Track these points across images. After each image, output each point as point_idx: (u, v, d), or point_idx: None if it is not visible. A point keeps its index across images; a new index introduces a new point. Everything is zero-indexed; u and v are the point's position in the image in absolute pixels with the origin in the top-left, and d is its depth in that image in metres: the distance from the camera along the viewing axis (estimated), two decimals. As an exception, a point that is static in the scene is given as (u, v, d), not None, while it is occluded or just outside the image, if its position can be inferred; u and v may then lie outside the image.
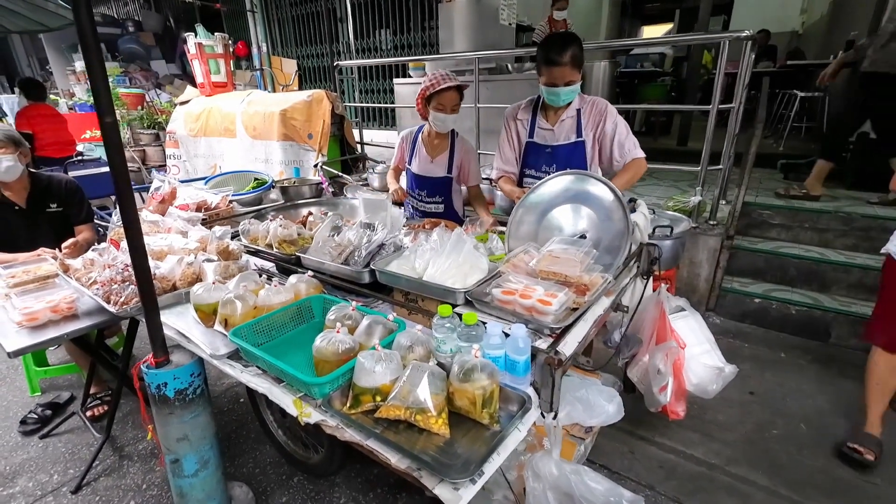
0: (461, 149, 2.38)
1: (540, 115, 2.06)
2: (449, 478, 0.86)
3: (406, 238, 1.72)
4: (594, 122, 1.97)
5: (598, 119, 1.95)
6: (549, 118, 2.04)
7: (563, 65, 1.79)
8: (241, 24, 8.50)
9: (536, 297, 1.19)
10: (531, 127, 2.08)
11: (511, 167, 2.18)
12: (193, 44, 4.85)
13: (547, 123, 2.04)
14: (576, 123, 1.99)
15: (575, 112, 1.98)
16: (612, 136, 1.93)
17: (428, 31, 6.15)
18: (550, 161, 2.04)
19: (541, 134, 2.06)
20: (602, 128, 1.95)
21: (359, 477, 1.99)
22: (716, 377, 1.69)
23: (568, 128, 2.00)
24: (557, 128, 2.01)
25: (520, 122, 2.12)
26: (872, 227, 3.16)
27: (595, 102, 1.98)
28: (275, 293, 1.45)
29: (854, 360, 2.77)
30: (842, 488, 1.90)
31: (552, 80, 1.84)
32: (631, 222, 1.55)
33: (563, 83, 1.84)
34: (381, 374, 1.05)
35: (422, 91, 2.20)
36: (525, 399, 1.05)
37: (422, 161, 2.43)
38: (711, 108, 2.76)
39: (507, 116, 2.16)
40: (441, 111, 2.18)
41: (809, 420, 2.28)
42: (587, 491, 1.05)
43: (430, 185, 2.44)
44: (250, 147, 4.54)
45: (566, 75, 1.82)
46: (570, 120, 1.99)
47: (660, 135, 6.73)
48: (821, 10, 7.55)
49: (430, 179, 2.42)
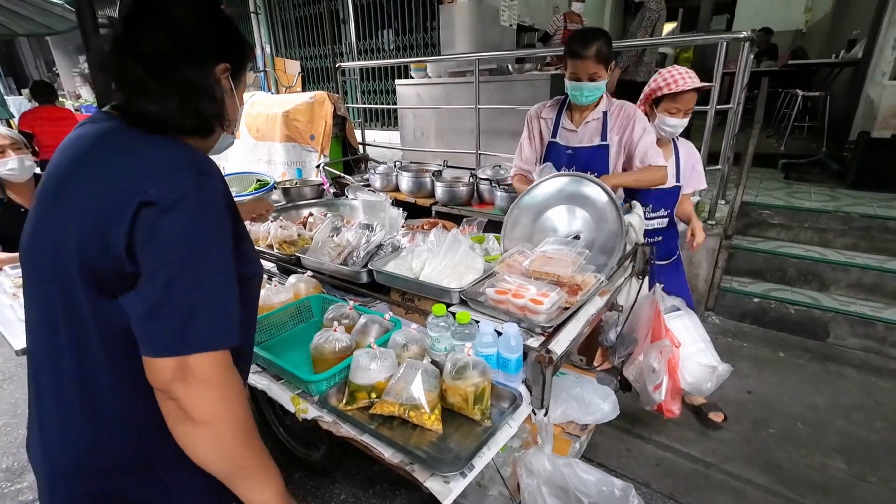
0: (686, 153, 2.13)
1: (565, 115, 1.99)
2: (440, 471, 0.89)
3: (404, 238, 1.75)
4: (621, 125, 1.90)
5: (626, 123, 1.89)
6: (574, 119, 1.97)
7: (586, 58, 1.74)
8: (246, 26, 8.57)
9: (529, 297, 1.22)
10: (555, 126, 2.01)
11: (529, 166, 2.10)
12: (197, 46, 4.90)
13: (571, 124, 1.97)
14: (601, 126, 1.92)
15: (601, 114, 1.92)
16: (638, 143, 1.87)
17: (430, 32, 6.18)
18: (571, 163, 1.97)
19: (564, 135, 2.00)
20: (630, 133, 1.88)
21: (359, 474, 2.02)
22: (710, 376, 1.71)
23: (592, 130, 1.94)
24: (581, 129, 1.94)
25: (543, 120, 2.06)
26: (872, 226, 3.16)
27: (623, 106, 1.92)
28: (275, 293, 1.49)
29: (852, 359, 2.78)
30: (837, 486, 1.91)
31: (576, 72, 1.79)
32: (625, 223, 1.58)
33: (587, 77, 1.78)
34: (377, 372, 1.08)
35: (651, 91, 1.99)
36: (516, 396, 1.08)
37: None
38: (709, 108, 2.77)
39: (531, 115, 2.08)
40: (674, 115, 1.95)
41: (806, 419, 2.30)
42: (580, 483, 1.08)
43: (655, 198, 2.12)
44: (254, 148, 4.59)
45: (590, 68, 1.76)
46: (596, 122, 1.92)
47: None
48: (824, 9, 7.51)
49: (655, 191, 2.07)
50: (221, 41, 0.77)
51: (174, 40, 0.70)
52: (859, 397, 2.44)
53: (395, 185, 3.53)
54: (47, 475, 0.77)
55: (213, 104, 0.75)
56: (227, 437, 0.67)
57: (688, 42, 7.13)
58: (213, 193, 0.69)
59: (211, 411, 0.65)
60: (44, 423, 0.76)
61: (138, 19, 0.70)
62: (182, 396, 0.64)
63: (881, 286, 2.96)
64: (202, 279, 0.65)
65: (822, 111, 5.02)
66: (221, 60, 0.76)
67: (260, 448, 0.71)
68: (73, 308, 0.68)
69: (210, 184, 0.69)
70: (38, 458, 0.78)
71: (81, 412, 0.71)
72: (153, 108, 0.70)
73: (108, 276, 0.65)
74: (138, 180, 0.64)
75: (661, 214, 2.14)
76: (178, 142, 0.72)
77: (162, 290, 0.63)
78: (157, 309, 0.63)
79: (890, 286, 2.93)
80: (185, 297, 0.64)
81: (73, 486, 0.74)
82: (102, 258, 0.64)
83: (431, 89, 4.98)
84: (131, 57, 0.69)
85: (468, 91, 4.00)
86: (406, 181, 3.40)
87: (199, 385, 0.64)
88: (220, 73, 0.76)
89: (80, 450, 0.72)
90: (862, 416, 2.30)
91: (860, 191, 3.72)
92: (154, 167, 0.66)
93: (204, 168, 0.70)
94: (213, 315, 0.66)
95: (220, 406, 0.66)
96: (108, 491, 0.74)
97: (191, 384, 0.63)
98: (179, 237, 0.64)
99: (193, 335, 0.64)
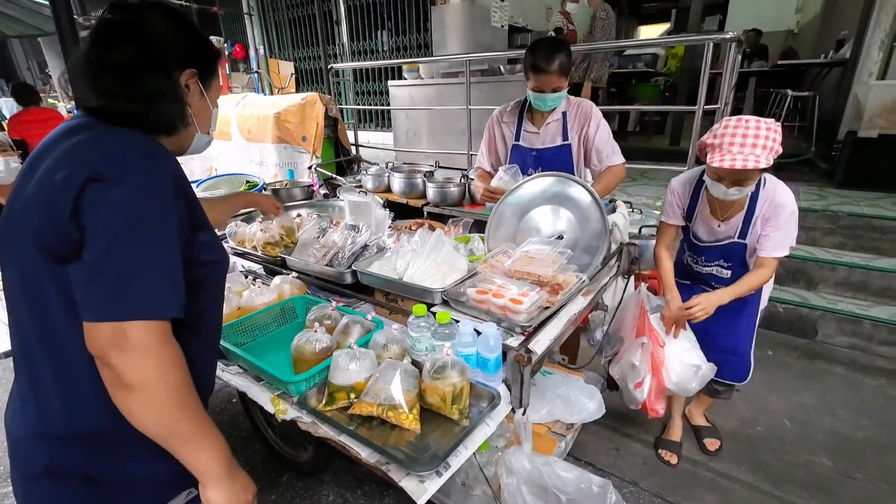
0: (767, 207, 1.61)
1: (526, 117, 2.06)
2: (415, 471, 0.90)
3: (389, 239, 1.75)
4: (579, 124, 1.97)
5: (584, 121, 1.96)
6: (536, 121, 2.04)
7: (550, 73, 1.79)
8: (239, 27, 8.55)
9: (509, 297, 1.22)
10: (517, 130, 2.08)
11: (488, 167, 2.19)
12: (188, 48, 4.89)
13: (533, 127, 2.04)
14: (562, 126, 1.99)
15: (561, 115, 1.98)
16: (594, 140, 1.94)
17: (423, 33, 6.18)
18: (536, 164, 2.04)
19: (527, 137, 2.07)
20: (586, 130, 1.96)
21: (347, 475, 2.02)
22: (694, 375, 1.71)
23: (553, 131, 2.01)
24: (543, 131, 2.02)
25: (505, 124, 2.12)
26: (859, 225, 3.19)
27: (581, 104, 1.98)
28: (258, 294, 1.49)
29: (840, 357, 2.80)
30: (822, 484, 1.93)
31: (539, 86, 1.85)
32: (609, 223, 1.58)
33: (551, 90, 1.84)
34: (356, 372, 1.09)
35: (701, 141, 1.60)
36: (494, 395, 1.08)
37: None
38: (697, 108, 2.79)
39: (493, 119, 2.16)
40: (718, 181, 1.54)
41: (793, 417, 2.31)
42: (559, 481, 1.08)
43: (710, 252, 1.78)
44: (245, 149, 4.59)
45: (553, 82, 1.82)
46: (556, 123, 2.00)
47: (654, 134, 6.76)
48: (814, 10, 7.57)
49: (712, 245, 1.76)
50: (188, 50, 0.83)
51: (142, 53, 0.77)
52: (846, 395, 2.46)
53: (387, 185, 3.53)
54: (12, 442, 0.81)
55: (176, 106, 0.82)
56: (161, 403, 0.69)
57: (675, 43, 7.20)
58: (160, 176, 0.73)
59: (143, 378, 0.67)
60: (24, 395, 0.80)
61: (110, 34, 0.77)
62: (116, 364, 0.66)
63: (867, 284, 2.98)
64: (141, 250, 0.69)
65: (812, 111, 5.06)
66: (188, 67, 0.83)
67: (197, 413, 0.74)
68: (36, 279, 0.73)
69: (159, 167, 0.74)
70: (8, 426, 0.83)
71: (54, 382, 0.75)
72: (121, 109, 0.77)
73: (55, 242, 0.69)
74: (92, 159, 0.70)
75: (722, 265, 1.76)
76: (139, 133, 0.77)
77: (99, 255, 0.67)
78: (93, 273, 0.67)
79: (876, 284, 2.96)
80: (121, 263, 0.67)
81: (36, 455, 0.77)
82: (50, 224, 0.69)
83: (424, 90, 4.98)
84: (103, 67, 0.75)
85: (460, 92, 4.01)
86: (398, 182, 3.40)
87: (133, 353, 0.66)
88: (187, 77, 0.83)
89: (55, 420, 0.76)
90: (848, 414, 2.32)
91: (848, 190, 3.75)
92: (109, 150, 0.73)
93: (155, 153, 0.76)
94: (149, 284, 0.69)
95: (153, 373, 0.68)
96: (68, 462, 0.76)
97: (125, 351, 0.66)
98: (121, 207, 0.68)
99: (129, 302, 0.67)
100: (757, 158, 1.40)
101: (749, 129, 1.43)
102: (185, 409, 0.72)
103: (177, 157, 0.85)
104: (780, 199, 1.58)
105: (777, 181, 1.63)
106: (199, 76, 0.85)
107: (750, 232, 1.65)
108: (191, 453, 0.74)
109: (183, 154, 0.91)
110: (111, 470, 0.78)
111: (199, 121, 0.89)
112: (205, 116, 0.90)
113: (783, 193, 1.58)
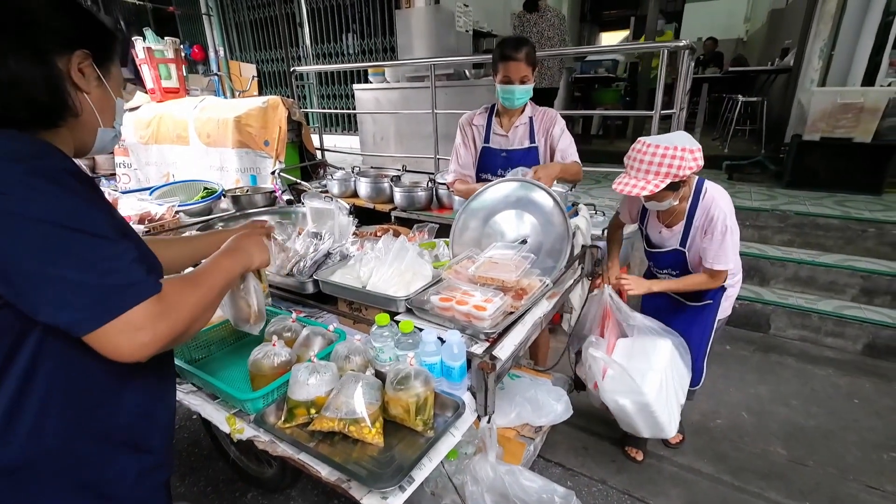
0: (704, 218, 1.66)
1: (495, 121, 2.14)
2: (377, 487, 0.87)
3: (353, 246, 1.71)
4: (545, 128, 2.09)
5: (549, 125, 2.08)
6: (504, 124, 2.12)
7: (518, 60, 1.87)
8: (198, 28, 8.24)
9: (472, 303, 1.22)
10: (486, 133, 2.16)
11: (467, 170, 2.24)
12: (142, 48, 4.68)
13: (501, 129, 2.12)
14: (528, 130, 2.09)
15: (528, 119, 2.09)
16: (558, 141, 2.07)
17: (389, 37, 6.14)
18: (506, 164, 2.12)
19: (496, 140, 2.15)
20: (552, 132, 2.08)
21: (315, 490, 1.96)
22: (621, 411, 1.72)
23: (521, 134, 2.10)
24: (511, 133, 2.10)
25: (475, 127, 2.20)
26: (805, 223, 3.37)
27: (546, 111, 2.11)
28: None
29: (791, 349, 2.95)
30: (778, 472, 2.01)
31: (508, 75, 1.91)
32: (571, 226, 1.60)
33: (519, 80, 1.91)
34: (316, 387, 1.05)
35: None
36: (459, 404, 1.07)
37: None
38: (654, 112, 2.88)
39: (463, 123, 2.22)
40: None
41: (751, 408, 2.41)
42: (521, 490, 1.08)
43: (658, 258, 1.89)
44: (204, 154, 4.42)
45: (521, 70, 1.89)
46: (524, 126, 2.09)
47: (615, 138, 6.96)
48: (762, 19, 8.01)
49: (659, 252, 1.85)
50: (74, 30, 0.72)
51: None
52: (797, 385, 2.59)
53: (353, 190, 3.48)
54: None
55: (52, 94, 0.70)
56: (195, 315, 0.75)
57: (632, 49, 7.47)
58: (49, 172, 0.65)
59: (186, 315, 0.73)
60: None
61: None
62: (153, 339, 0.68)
63: (814, 279, 3.16)
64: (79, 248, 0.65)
65: (761, 115, 5.33)
66: (75, 48, 0.72)
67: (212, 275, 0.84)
68: None
69: (43, 165, 0.65)
70: None
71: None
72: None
73: None
74: None
75: (671, 272, 1.83)
76: (12, 132, 0.67)
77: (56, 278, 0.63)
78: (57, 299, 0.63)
79: (822, 279, 3.14)
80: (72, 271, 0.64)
81: None
82: None
83: (390, 94, 4.95)
84: None
85: (426, 96, 4.00)
86: (364, 187, 3.36)
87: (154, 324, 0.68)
88: (78, 60, 0.72)
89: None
90: (799, 403, 2.44)
91: (795, 190, 3.97)
92: None
93: (34, 153, 0.66)
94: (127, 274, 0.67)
95: (186, 311, 0.73)
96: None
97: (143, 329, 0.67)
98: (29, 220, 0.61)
99: (114, 300, 0.65)
100: (645, 186, 1.48)
101: (646, 156, 1.51)
102: (213, 287, 0.82)
103: (82, 156, 0.77)
104: (714, 213, 1.60)
105: (717, 192, 1.63)
106: (95, 60, 0.74)
107: (689, 241, 1.70)
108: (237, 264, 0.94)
109: (87, 153, 0.81)
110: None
111: (101, 113, 0.78)
112: (107, 107, 0.79)
113: (718, 207, 1.60)
